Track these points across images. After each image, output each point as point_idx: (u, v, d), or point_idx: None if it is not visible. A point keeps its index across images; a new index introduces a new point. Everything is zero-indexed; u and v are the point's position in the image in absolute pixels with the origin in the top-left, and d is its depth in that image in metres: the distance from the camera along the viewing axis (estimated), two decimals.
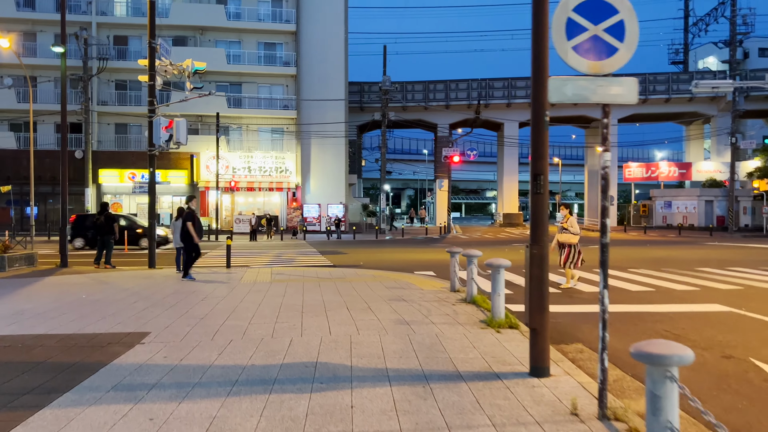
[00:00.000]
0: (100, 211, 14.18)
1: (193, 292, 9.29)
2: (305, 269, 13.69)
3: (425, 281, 10.99)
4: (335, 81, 37.11)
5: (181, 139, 13.99)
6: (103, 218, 14.02)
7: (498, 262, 6.30)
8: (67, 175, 14.31)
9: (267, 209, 36.26)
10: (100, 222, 13.99)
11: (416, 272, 13.22)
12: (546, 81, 4.34)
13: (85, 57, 31.41)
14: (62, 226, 14.26)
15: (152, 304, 8.03)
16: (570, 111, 48.02)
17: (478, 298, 7.93)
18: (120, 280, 11.23)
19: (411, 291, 9.50)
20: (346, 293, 9.17)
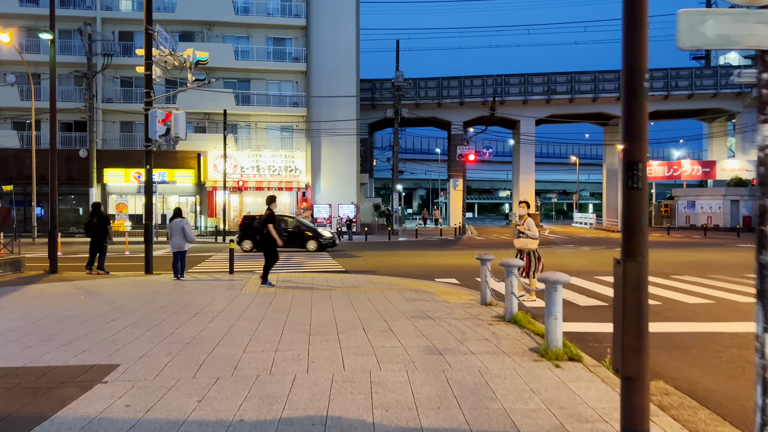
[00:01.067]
0: (92, 212, 13.07)
1: (186, 306, 8.09)
2: (314, 275, 12.47)
3: (449, 291, 9.72)
4: (346, 77, 35.90)
5: (180, 133, 12.83)
6: (96, 220, 12.89)
7: (555, 277, 5.02)
8: (56, 173, 13.24)
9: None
10: (93, 224, 12.86)
11: (437, 280, 11.95)
12: (645, 26, 3.09)
13: (89, 53, 30.49)
14: (51, 227, 13.17)
15: (134, 321, 6.83)
16: (588, 108, 46.44)
17: (519, 317, 6.64)
18: (107, 289, 10.07)
19: (435, 304, 8.23)
20: (360, 307, 7.92)
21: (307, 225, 21.24)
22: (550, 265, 14.86)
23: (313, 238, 20.31)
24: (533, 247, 8.87)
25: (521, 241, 8.88)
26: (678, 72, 45.03)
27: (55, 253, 12.98)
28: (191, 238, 11.78)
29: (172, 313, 7.44)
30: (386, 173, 65.11)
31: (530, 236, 8.82)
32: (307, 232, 20.53)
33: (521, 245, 8.89)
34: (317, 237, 20.35)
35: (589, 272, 13.38)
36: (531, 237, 8.83)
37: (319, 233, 20.54)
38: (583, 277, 12.47)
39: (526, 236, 8.85)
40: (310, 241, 20.33)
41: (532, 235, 8.83)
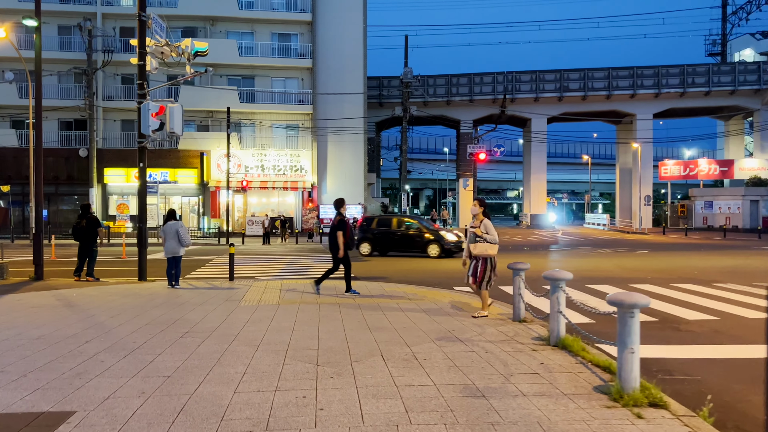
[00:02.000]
0: (81, 214, 12.04)
1: (175, 323, 7.04)
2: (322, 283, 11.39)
3: (472, 303, 8.62)
4: (353, 74, 34.85)
5: (176, 128, 11.79)
6: (85, 222, 11.88)
7: (631, 299, 3.92)
8: (42, 173, 12.20)
9: (281, 210, 34.13)
10: (82, 227, 11.85)
11: (456, 288, 10.86)
12: None
13: (89, 49, 29.58)
14: (37, 231, 12.16)
15: (110, 345, 5.78)
16: (601, 105, 45.17)
17: (569, 341, 5.54)
18: (91, 300, 9.04)
19: (461, 321, 7.15)
20: (375, 325, 6.84)
21: (429, 227, 19.08)
22: (578, 269, 13.80)
23: (435, 242, 18.24)
24: (492, 253, 7.40)
25: (479, 247, 7.37)
26: (695, 68, 43.70)
27: (41, 258, 11.97)
28: (186, 243, 10.75)
29: (157, 333, 6.39)
30: (393, 173, 64.02)
31: (489, 240, 7.36)
32: (427, 235, 18.53)
33: (479, 251, 7.38)
34: (439, 241, 18.25)
35: (621, 279, 12.25)
36: (490, 241, 7.36)
37: (441, 236, 18.41)
38: (615, 284, 11.35)
39: (484, 240, 7.37)
40: (431, 245, 18.27)
41: (491, 239, 7.36)
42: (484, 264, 7.39)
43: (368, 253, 19.18)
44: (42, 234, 12.10)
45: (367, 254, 19.10)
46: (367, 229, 19.51)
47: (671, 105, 44.78)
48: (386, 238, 19.06)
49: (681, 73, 43.59)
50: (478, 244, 7.41)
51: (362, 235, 19.27)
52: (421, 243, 18.50)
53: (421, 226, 19.07)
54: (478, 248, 7.41)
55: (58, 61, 32.05)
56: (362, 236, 19.23)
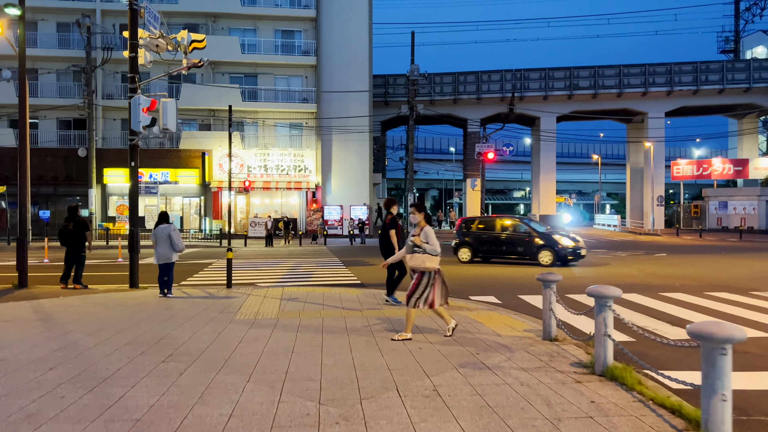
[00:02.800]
0: (68, 217, 11.22)
1: (159, 342, 6.20)
2: (326, 291, 10.56)
3: (495, 318, 7.75)
4: (358, 71, 34.01)
5: (169, 124, 10.97)
6: (72, 225, 11.07)
7: (724, 333, 3.06)
8: (27, 172, 11.43)
9: (285, 211, 33.34)
10: (69, 230, 11.04)
11: (472, 298, 9.99)
12: None
13: (88, 46, 28.86)
14: (21, 234, 11.38)
15: (77, 373, 4.94)
16: (612, 103, 44.17)
17: (618, 370, 4.65)
18: (73, 312, 8.22)
19: (485, 339, 6.27)
20: (388, 346, 5.98)
21: (540, 230, 16.57)
22: (600, 275, 12.70)
23: (547, 247, 15.81)
24: (431, 266, 6.26)
25: (417, 258, 6.28)
26: (708, 65, 42.65)
27: (25, 264, 11.18)
28: (179, 248, 9.92)
29: (136, 356, 5.54)
30: (398, 173, 63.17)
31: (428, 251, 6.25)
32: (537, 240, 16.08)
33: (416, 264, 6.29)
34: (552, 246, 15.77)
35: (648, 287, 11.33)
36: (429, 252, 6.25)
37: (554, 241, 15.90)
38: (643, 292, 10.45)
39: (423, 251, 6.26)
40: (542, 251, 15.86)
41: (431, 249, 6.24)
42: (419, 278, 6.30)
43: (468, 259, 17.05)
44: (26, 238, 11.32)
45: (467, 261, 17.01)
46: (466, 231, 17.38)
47: (684, 103, 43.74)
48: (489, 242, 16.94)
49: (694, 71, 42.54)
50: (415, 255, 6.29)
51: (461, 238, 17.32)
52: (531, 248, 16.09)
53: (530, 228, 16.53)
54: (415, 260, 6.29)
55: (56, 58, 31.36)
56: (461, 240, 17.28)
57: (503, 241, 16.70)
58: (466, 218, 18.70)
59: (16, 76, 30.78)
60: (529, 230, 16.45)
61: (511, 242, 16.59)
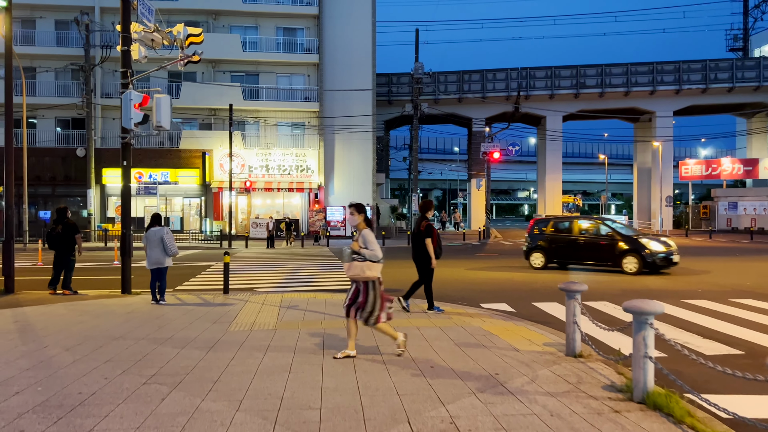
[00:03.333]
0: (57, 219, 10.65)
1: (144, 358, 5.63)
2: (327, 297, 9.97)
3: (510, 328, 7.15)
4: (362, 69, 33.43)
5: (163, 121, 10.40)
6: (61, 228, 10.51)
7: None
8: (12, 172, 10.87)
9: (286, 212, 32.78)
10: (57, 233, 10.47)
11: (483, 305, 9.40)
12: None
13: (86, 44, 28.37)
14: (7, 237, 10.82)
15: (45, 399, 4.37)
16: (619, 102, 43.50)
17: (661, 397, 4.05)
18: (54, 323, 7.65)
19: (502, 356, 5.68)
20: (395, 364, 5.40)
21: (625, 233, 14.62)
22: (615, 279, 12.05)
23: (632, 252, 13.96)
24: (372, 275, 5.44)
25: (356, 267, 5.45)
26: (717, 63, 41.94)
27: (11, 268, 10.62)
28: (172, 252, 9.35)
29: (116, 376, 4.97)
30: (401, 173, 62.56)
31: (368, 257, 5.44)
32: (622, 244, 14.21)
33: (355, 273, 5.45)
34: (638, 251, 13.92)
35: (668, 293, 10.71)
36: (369, 259, 5.44)
37: (641, 245, 14.01)
38: (664, 299, 9.83)
39: (362, 258, 5.44)
40: (627, 257, 14.03)
41: (371, 255, 5.44)
42: (366, 291, 5.47)
43: (542, 265, 15.28)
44: (12, 241, 10.76)
45: (541, 267, 15.28)
46: (539, 234, 15.64)
47: (692, 102, 43.05)
48: (565, 245, 15.16)
49: (703, 69, 41.84)
50: (354, 264, 5.47)
51: (533, 242, 15.64)
52: (613, 253, 14.29)
53: (613, 230, 14.64)
54: (353, 269, 5.45)
55: (55, 56, 30.89)
56: (533, 244, 15.60)
57: (581, 245, 14.96)
58: (540, 219, 17.00)
59: (16, 75, 30.40)
60: (612, 233, 14.61)
61: (590, 246, 14.78)
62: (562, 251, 15.23)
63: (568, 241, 15.17)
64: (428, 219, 8.53)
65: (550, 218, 16.36)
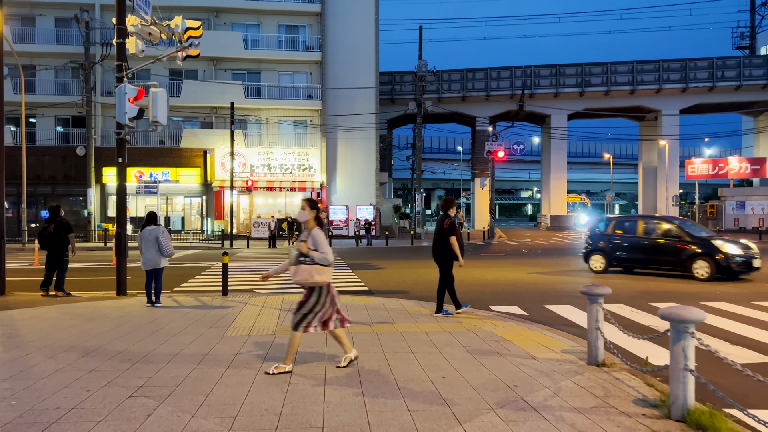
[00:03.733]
0: (49, 218, 10.26)
1: (133, 367, 5.22)
2: None
3: (525, 334, 6.72)
4: (365, 68, 33.01)
5: (159, 117, 10.00)
6: (53, 227, 10.11)
7: None
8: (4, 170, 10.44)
9: (288, 211, 32.38)
10: (50, 232, 10.08)
11: (493, 308, 8.96)
12: None
13: (86, 42, 28.01)
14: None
15: (17, 416, 3.97)
16: (624, 101, 43.04)
17: (704, 417, 3.62)
18: (42, 328, 7.25)
19: (520, 365, 5.25)
20: (403, 375, 4.98)
21: (696, 234, 13.07)
22: (629, 281, 11.55)
23: (705, 255, 12.46)
24: (321, 280, 4.90)
25: (303, 271, 4.89)
26: (725, 61, 41.45)
27: (1, 269, 10.22)
28: (168, 252, 8.94)
29: (99, 387, 4.56)
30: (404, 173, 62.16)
31: (317, 260, 4.88)
32: (693, 246, 12.71)
33: (302, 278, 4.91)
34: (711, 254, 12.39)
35: (686, 295, 10.26)
36: (319, 262, 4.89)
37: (714, 247, 12.45)
38: (685, 301, 9.38)
39: (311, 261, 4.90)
40: (698, 260, 12.52)
41: (320, 258, 4.88)
42: (307, 295, 5.01)
43: (602, 269, 14.10)
44: (3, 240, 10.35)
45: (601, 270, 14.09)
46: (600, 235, 14.46)
47: (699, 100, 42.57)
48: (629, 248, 13.84)
49: (710, 67, 41.35)
50: (301, 267, 4.89)
51: (593, 243, 14.43)
52: (683, 256, 12.85)
53: (682, 231, 13.16)
54: (301, 273, 4.90)
55: (54, 54, 30.56)
56: (593, 245, 14.40)
57: (647, 248, 13.56)
58: (601, 218, 15.87)
59: (15, 73, 30.08)
60: (682, 234, 13.17)
61: (657, 249, 13.36)
62: (626, 254, 13.94)
63: (632, 242, 13.84)
64: (450, 217, 8.03)
65: (612, 218, 15.23)
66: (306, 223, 5.07)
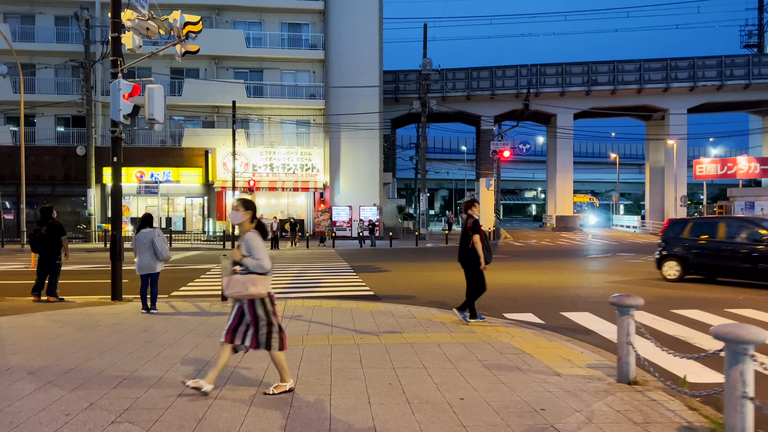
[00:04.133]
0: (41, 219, 9.82)
1: (117, 386, 4.77)
2: (334, 305, 9.09)
3: (544, 345, 6.25)
4: (368, 66, 32.54)
5: (156, 114, 9.56)
6: (45, 229, 9.68)
7: None
8: None
9: (291, 212, 31.96)
10: (42, 235, 9.65)
11: (507, 316, 8.49)
12: None
13: (86, 41, 27.64)
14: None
15: None
16: (631, 100, 42.44)
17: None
18: (27, 338, 6.81)
19: (542, 382, 4.78)
20: (416, 392, 4.51)
21: None
22: (646, 286, 10.96)
23: None
24: (257, 291, 4.25)
25: (236, 282, 4.27)
26: (733, 60, 40.80)
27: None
28: (164, 256, 8.50)
29: (79, 411, 4.11)
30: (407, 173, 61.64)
31: (251, 268, 4.27)
32: None
33: (236, 291, 4.26)
34: None
35: (707, 301, 9.77)
36: (253, 270, 4.27)
37: None
38: (706, 308, 8.90)
39: (246, 270, 4.30)
40: None
41: (255, 265, 4.26)
42: (252, 307, 4.31)
43: (677, 276, 12.61)
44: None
45: (676, 278, 12.62)
46: (674, 238, 12.94)
47: (707, 99, 41.93)
48: (709, 253, 12.29)
49: (719, 65, 40.71)
50: (234, 278, 4.28)
51: (668, 248, 12.97)
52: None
53: None
54: (233, 285, 4.25)
55: (54, 53, 30.18)
56: (668, 250, 12.94)
57: (729, 253, 11.91)
58: (675, 220, 14.40)
59: (15, 72, 29.71)
60: None
61: (740, 254, 11.64)
62: (704, 260, 12.40)
63: (714, 247, 12.25)
64: (474, 217, 7.66)
65: (689, 220, 13.71)
66: (240, 226, 4.42)
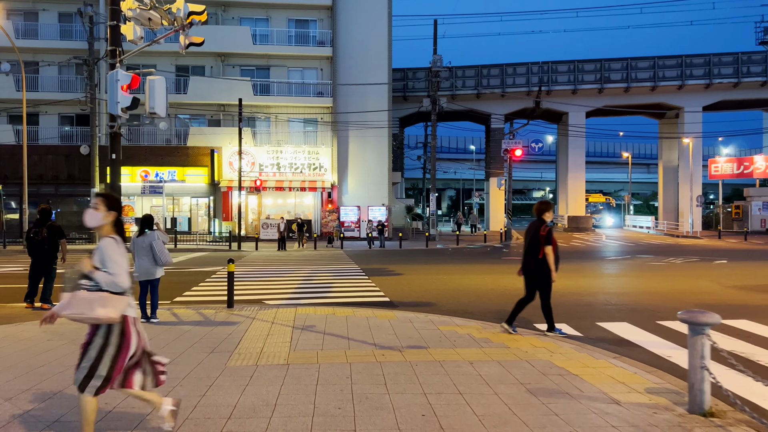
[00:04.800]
0: (40, 220, 9.18)
1: (107, 416, 4.10)
2: (350, 312, 8.40)
3: (588, 364, 5.53)
4: (377, 63, 31.86)
5: (157, 107, 8.92)
6: (46, 231, 9.05)
7: None
8: None
9: (298, 212, 31.31)
10: (43, 237, 9.01)
11: (537, 325, 7.76)
12: None
13: (90, 37, 27.05)
14: None
15: None
16: (645, 98, 41.55)
17: None
18: (14, 351, 6.17)
19: (601, 413, 4.08)
20: (453, 425, 3.81)
21: None
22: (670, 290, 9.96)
23: None
24: (111, 316, 3.23)
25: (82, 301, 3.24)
26: (750, 56, 39.88)
27: None
28: (164, 261, 7.84)
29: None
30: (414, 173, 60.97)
31: (104, 284, 3.29)
32: None
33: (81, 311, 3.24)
34: None
35: (742, 308, 9.01)
36: (107, 287, 3.29)
37: None
38: (747, 316, 8.15)
39: (96, 286, 3.29)
40: None
41: (109, 282, 3.29)
42: (93, 334, 3.33)
43: None
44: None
45: None
46: None
47: (723, 97, 41.00)
48: None
49: (735, 62, 39.79)
50: (78, 295, 3.27)
51: None
52: None
53: None
54: (77, 303, 3.24)
55: (58, 50, 29.68)
56: None
57: None
58: None
59: (17, 69, 29.23)
60: None
61: None
62: None
63: None
64: (547, 223, 6.84)
65: None
66: (99, 229, 3.45)
